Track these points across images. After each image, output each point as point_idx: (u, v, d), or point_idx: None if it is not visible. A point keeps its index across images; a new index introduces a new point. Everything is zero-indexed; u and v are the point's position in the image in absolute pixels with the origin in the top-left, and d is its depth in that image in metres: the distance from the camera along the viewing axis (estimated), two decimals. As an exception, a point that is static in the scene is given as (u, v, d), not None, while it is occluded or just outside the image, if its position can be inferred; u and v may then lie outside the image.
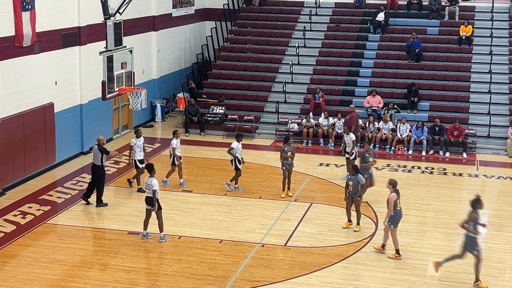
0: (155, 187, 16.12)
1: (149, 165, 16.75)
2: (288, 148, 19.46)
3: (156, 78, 29.45)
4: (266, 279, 14.55)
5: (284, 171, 19.55)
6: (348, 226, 17.33)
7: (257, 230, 17.25)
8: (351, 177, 17.04)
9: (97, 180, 18.68)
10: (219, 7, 33.06)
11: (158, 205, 16.24)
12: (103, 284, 14.20)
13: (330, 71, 29.40)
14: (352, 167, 17.19)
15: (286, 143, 19.54)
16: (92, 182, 18.93)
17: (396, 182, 15.71)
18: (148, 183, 16.21)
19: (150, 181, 16.18)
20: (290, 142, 19.54)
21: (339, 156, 24.36)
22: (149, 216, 16.43)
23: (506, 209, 19.30)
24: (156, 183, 16.14)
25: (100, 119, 24.64)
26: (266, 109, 28.13)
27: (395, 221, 15.60)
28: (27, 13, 19.66)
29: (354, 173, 16.97)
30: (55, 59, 21.83)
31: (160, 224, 16.35)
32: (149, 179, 16.24)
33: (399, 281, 14.65)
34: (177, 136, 20.18)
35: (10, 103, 19.70)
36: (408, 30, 30.48)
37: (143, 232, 16.53)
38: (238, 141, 19.83)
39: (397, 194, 15.58)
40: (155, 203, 16.19)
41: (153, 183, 16.12)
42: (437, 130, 25.14)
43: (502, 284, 14.74)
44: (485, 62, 28.71)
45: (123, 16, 20.17)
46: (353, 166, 17.24)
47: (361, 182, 16.95)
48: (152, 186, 16.11)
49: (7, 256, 15.51)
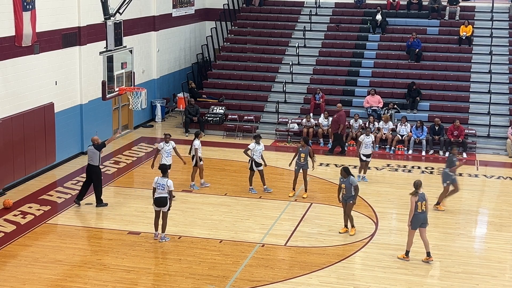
0: (172, 187, 16.09)
1: (163, 166, 16.70)
2: (303, 149, 19.50)
3: (156, 78, 29.45)
4: (266, 279, 14.55)
5: (297, 171, 19.69)
6: (345, 231, 17.22)
7: (257, 230, 17.25)
8: (343, 179, 16.85)
9: (95, 181, 18.62)
10: (219, 7, 33.06)
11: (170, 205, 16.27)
12: (103, 284, 14.20)
13: (330, 71, 29.40)
14: (343, 169, 16.95)
15: (304, 144, 19.58)
16: (86, 184, 18.79)
17: (417, 183, 15.43)
18: (163, 184, 16.10)
19: (165, 181, 16.11)
20: (304, 144, 19.58)
21: (339, 156, 24.41)
22: (159, 217, 16.38)
23: (506, 209, 19.30)
24: (172, 184, 16.15)
25: (100, 119, 24.64)
26: (266, 109, 28.13)
27: (413, 223, 15.39)
28: (28, 13, 19.66)
29: (346, 176, 16.79)
30: (55, 59, 21.83)
31: (164, 224, 16.34)
32: (163, 180, 16.15)
33: (399, 281, 14.65)
34: (199, 137, 20.15)
35: (10, 103, 19.70)
36: (408, 30, 30.48)
37: (155, 233, 16.48)
38: (256, 142, 19.84)
39: (418, 195, 15.26)
40: (171, 203, 16.21)
41: (170, 184, 16.06)
42: (437, 130, 25.14)
43: (502, 284, 14.74)
44: (485, 62, 28.70)
45: (123, 16, 20.18)
46: (344, 168, 17.01)
47: (354, 184, 16.76)
48: (169, 187, 16.06)
49: (7, 256, 15.50)
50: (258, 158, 19.70)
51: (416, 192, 15.28)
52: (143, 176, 21.72)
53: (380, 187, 21.07)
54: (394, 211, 19.21)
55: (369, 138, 21.15)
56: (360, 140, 21.24)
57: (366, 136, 21.15)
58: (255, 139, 20.02)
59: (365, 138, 21.07)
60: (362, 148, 21.08)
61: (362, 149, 21.08)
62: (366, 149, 21.11)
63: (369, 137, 21.22)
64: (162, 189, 16.13)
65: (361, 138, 21.24)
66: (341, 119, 24.60)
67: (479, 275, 14.99)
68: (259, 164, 19.79)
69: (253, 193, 19.86)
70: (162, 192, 16.13)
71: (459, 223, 18.21)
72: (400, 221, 18.34)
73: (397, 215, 18.96)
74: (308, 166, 19.64)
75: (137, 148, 24.90)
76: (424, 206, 15.30)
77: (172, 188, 16.18)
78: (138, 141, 25.87)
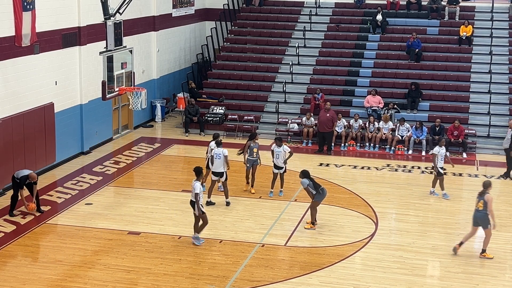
0: (197, 190, 15.95)
1: (197, 168, 16.49)
2: (253, 144, 19.75)
3: (156, 78, 29.45)
4: (266, 279, 14.55)
5: (248, 168, 19.78)
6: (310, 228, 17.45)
7: (257, 230, 17.25)
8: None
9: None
10: (219, 7, 33.07)
11: (200, 209, 16.05)
12: (103, 284, 14.20)
13: (330, 71, 29.40)
14: (302, 171, 17.44)
15: (252, 139, 19.85)
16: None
17: (486, 183, 15.81)
18: (193, 186, 16.06)
19: (192, 183, 16.07)
20: (256, 139, 19.92)
21: (339, 156, 24.41)
22: (198, 220, 16.29)
23: (506, 209, 19.31)
24: (198, 186, 15.97)
25: (100, 119, 24.65)
26: (266, 109, 28.13)
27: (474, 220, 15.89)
28: (28, 13, 19.64)
29: (303, 177, 17.23)
30: (55, 59, 21.83)
31: (201, 225, 16.23)
32: (193, 182, 16.09)
33: (399, 281, 14.65)
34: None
35: (10, 103, 19.70)
36: (408, 30, 30.49)
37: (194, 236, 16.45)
38: (277, 145, 19.76)
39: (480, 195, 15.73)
40: (199, 207, 16.01)
41: (195, 186, 15.96)
42: (437, 130, 25.14)
43: (502, 284, 14.75)
44: (485, 62, 28.71)
45: (123, 16, 20.18)
46: (302, 171, 17.48)
47: (303, 186, 17.25)
48: (194, 189, 15.99)
49: (7, 256, 15.51)
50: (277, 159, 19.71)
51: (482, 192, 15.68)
52: (143, 176, 21.73)
53: (380, 187, 21.06)
54: (394, 211, 19.21)
55: (443, 149, 20.03)
56: (435, 152, 19.93)
57: (440, 147, 20.03)
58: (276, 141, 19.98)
59: (440, 149, 19.89)
60: (438, 161, 19.83)
61: (439, 161, 19.84)
62: (441, 162, 19.90)
63: (443, 148, 20.08)
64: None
65: (436, 150, 19.92)
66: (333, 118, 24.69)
67: (479, 275, 15.00)
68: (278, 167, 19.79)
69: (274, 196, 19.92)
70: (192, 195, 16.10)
71: (459, 223, 18.21)
72: (400, 221, 18.36)
73: (397, 215, 18.95)
74: (258, 162, 19.90)
75: (137, 148, 24.90)
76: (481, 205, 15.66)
77: (197, 191, 15.92)
78: (138, 141, 25.87)
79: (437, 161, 19.78)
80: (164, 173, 21.93)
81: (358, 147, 25.43)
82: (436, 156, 19.82)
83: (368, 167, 23.15)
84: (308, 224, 17.48)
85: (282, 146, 19.71)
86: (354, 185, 21.15)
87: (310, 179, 17.33)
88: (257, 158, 19.88)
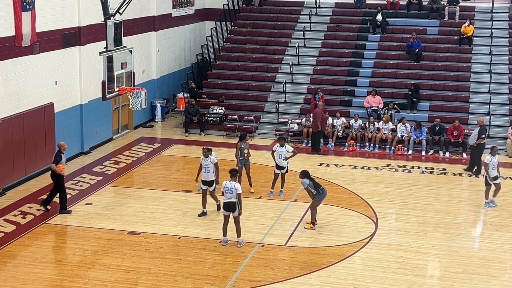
0: (239, 190, 15.94)
1: (233, 169, 16.50)
2: (244, 145, 19.76)
3: (156, 78, 29.45)
4: (266, 279, 14.55)
5: (240, 168, 19.72)
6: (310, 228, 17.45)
7: (257, 230, 17.25)
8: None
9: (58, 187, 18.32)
10: (219, 7, 33.07)
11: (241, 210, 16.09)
12: (103, 284, 14.20)
13: (330, 71, 29.40)
14: (302, 171, 17.42)
15: (242, 140, 19.86)
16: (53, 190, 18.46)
17: None
18: (231, 187, 15.94)
19: (233, 185, 15.97)
20: (246, 140, 19.93)
21: (339, 156, 24.41)
22: (227, 222, 16.23)
23: (506, 209, 19.29)
24: (239, 187, 15.98)
25: (100, 119, 24.65)
26: (266, 109, 28.13)
27: None
28: (28, 13, 19.65)
29: (303, 177, 17.22)
30: (55, 59, 21.83)
31: (238, 229, 16.20)
32: (231, 183, 15.99)
33: (399, 281, 14.65)
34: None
35: (10, 103, 19.70)
36: (408, 30, 30.48)
37: (224, 239, 16.34)
38: (280, 145, 19.76)
39: None
40: (241, 207, 16.02)
41: (237, 187, 15.91)
42: (437, 130, 25.14)
43: (502, 284, 14.74)
44: (485, 62, 28.70)
45: (123, 16, 20.17)
46: (302, 171, 17.46)
47: (304, 186, 17.24)
48: (236, 190, 15.90)
49: (7, 256, 15.50)
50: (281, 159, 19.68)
51: None
52: (143, 176, 21.73)
53: (380, 187, 21.06)
54: (394, 211, 19.21)
55: (495, 158, 19.21)
56: (487, 161, 19.19)
57: (492, 156, 19.28)
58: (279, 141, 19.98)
59: (492, 158, 19.18)
60: (490, 170, 19.12)
61: (490, 170, 19.12)
62: (493, 171, 19.18)
63: (495, 157, 19.24)
64: (230, 192, 15.93)
65: (488, 159, 19.19)
66: (322, 118, 24.70)
67: (479, 275, 14.99)
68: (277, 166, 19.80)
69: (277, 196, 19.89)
70: (230, 196, 15.97)
71: (459, 223, 18.22)
72: (400, 221, 18.36)
73: (397, 215, 18.95)
74: (249, 162, 19.92)
75: (137, 148, 24.90)
76: None
77: (240, 191, 15.94)
78: (138, 141, 25.87)
79: (489, 170, 19.16)
80: (164, 173, 21.93)
81: (358, 147, 25.43)
82: (487, 165, 19.16)
83: (368, 167, 23.15)
84: (308, 224, 17.49)
85: (284, 146, 19.73)
86: (354, 185, 21.15)
87: (310, 179, 17.34)
88: (248, 158, 19.84)
